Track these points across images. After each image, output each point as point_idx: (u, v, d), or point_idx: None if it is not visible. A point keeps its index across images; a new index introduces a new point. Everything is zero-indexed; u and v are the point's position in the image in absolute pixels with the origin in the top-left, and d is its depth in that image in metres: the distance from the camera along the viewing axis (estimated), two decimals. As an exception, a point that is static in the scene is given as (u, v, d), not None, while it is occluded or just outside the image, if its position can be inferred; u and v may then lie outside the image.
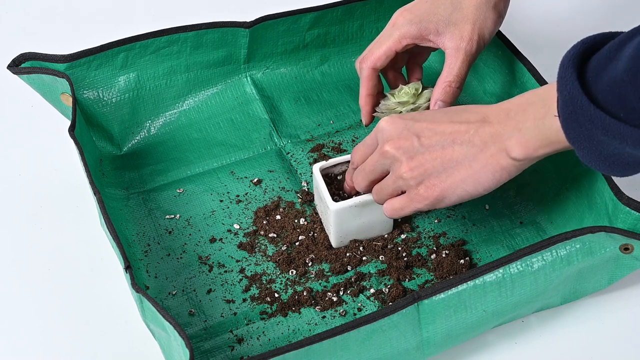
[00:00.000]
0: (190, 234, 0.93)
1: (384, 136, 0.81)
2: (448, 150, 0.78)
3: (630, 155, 0.68)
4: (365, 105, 0.94)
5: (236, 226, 0.93)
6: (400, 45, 0.91)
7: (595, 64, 0.68)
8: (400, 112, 0.90)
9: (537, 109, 0.74)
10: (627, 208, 0.83)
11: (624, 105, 0.65)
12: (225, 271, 0.90)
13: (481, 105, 0.80)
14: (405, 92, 0.91)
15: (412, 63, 0.98)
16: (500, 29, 1.04)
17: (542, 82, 0.95)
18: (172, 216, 0.95)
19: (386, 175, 0.83)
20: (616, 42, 0.67)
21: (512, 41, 1.01)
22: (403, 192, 0.82)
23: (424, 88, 0.92)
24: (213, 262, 0.90)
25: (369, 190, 0.86)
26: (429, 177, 0.79)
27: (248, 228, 0.93)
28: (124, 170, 0.99)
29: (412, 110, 0.91)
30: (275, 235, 0.92)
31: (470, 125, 0.78)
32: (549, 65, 1.07)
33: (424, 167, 0.79)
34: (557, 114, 0.71)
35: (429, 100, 0.91)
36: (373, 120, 0.95)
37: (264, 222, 0.93)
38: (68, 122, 0.93)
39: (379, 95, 0.95)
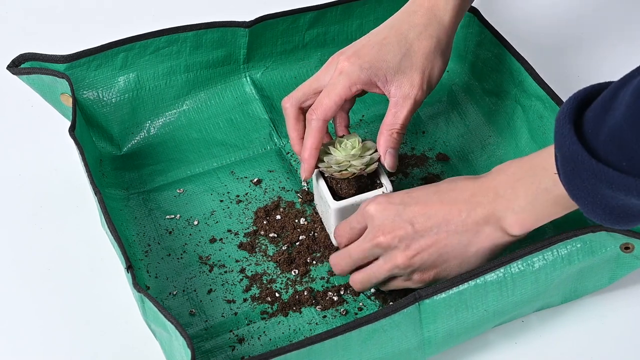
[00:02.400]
0: (190, 234, 0.93)
1: (374, 224, 0.81)
2: (442, 236, 0.79)
3: (636, 206, 0.68)
4: (310, 158, 0.88)
5: (236, 226, 0.93)
6: (350, 92, 0.88)
7: (592, 116, 0.67)
8: (350, 164, 0.87)
9: (526, 186, 0.76)
10: (628, 207, 0.83)
11: (626, 154, 0.64)
12: (226, 271, 0.90)
13: (465, 180, 0.80)
14: (351, 144, 0.88)
15: (340, 110, 0.93)
16: (498, 28, 1.04)
17: (539, 80, 0.95)
18: (172, 216, 0.95)
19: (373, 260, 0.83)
20: (609, 92, 0.67)
21: (509, 41, 1.02)
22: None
23: (363, 140, 0.89)
24: (213, 262, 0.90)
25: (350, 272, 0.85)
26: (425, 266, 0.80)
27: (248, 228, 0.93)
28: (124, 171, 0.99)
29: (365, 163, 0.87)
30: (275, 235, 0.92)
31: (462, 207, 0.79)
32: (547, 65, 1.07)
33: (420, 257, 0.80)
34: (556, 172, 0.71)
35: (375, 150, 0.88)
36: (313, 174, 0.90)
37: (264, 222, 0.93)
38: (68, 123, 0.93)
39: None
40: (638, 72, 0.65)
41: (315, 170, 0.90)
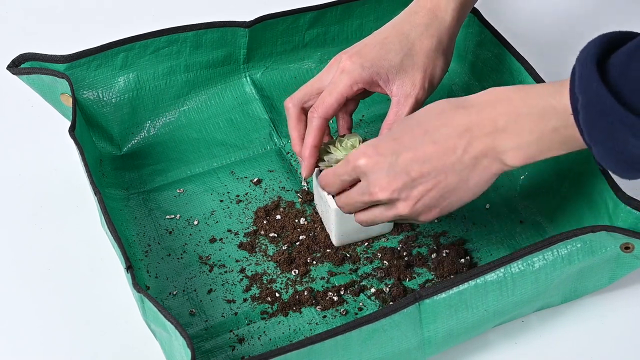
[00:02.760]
0: (190, 234, 0.93)
1: (369, 179, 0.79)
2: (440, 178, 0.77)
3: None
4: (310, 157, 0.88)
5: (236, 226, 0.93)
6: (351, 90, 0.88)
7: (617, 63, 0.67)
8: None
9: (532, 122, 0.73)
10: (628, 207, 0.83)
11: None
12: (226, 271, 0.90)
13: (454, 110, 0.77)
14: (351, 144, 0.87)
15: (342, 112, 0.92)
16: (498, 28, 1.04)
17: (539, 80, 0.95)
18: (173, 216, 0.95)
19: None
20: (636, 42, 0.66)
21: (509, 41, 1.02)
22: None
23: (364, 139, 0.88)
24: (213, 262, 0.90)
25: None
26: (428, 208, 0.80)
27: (248, 228, 0.93)
28: (124, 171, 0.99)
29: None
30: (275, 235, 0.92)
31: (457, 144, 0.76)
32: (547, 65, 1.07)
33: (421, 202, 0.79)
34: (572, 113, 0.70)
35: None
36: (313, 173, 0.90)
37: (264, 222, 0.93)
38: (68, 122, 0.93)
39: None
40: None
41: (316, 169, 0.90)
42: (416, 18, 0.90)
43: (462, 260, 0.89)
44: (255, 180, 0.98)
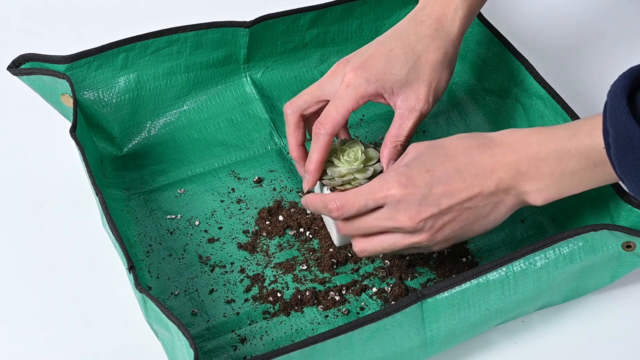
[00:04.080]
0: (191, 234, 0.93)
1: (398, 207, 0.79)
2: (465, 212, 0.79)
3: None
4: (316, 172, 0.87)
5: (237, 226, 0.93)
6: (357, 105, 0.87)
7: None
8: (354, 177, 0.86)
9: (552, 166, 0.77)
10: (629, 206, 0.83)
11: None
12: (227, 271, 0.90)
13: (483, 152, 0.79)
14: (354, 155, 0.87)
15: None
16: (498, 28, 1.04)
17: (539, 79, 0.96)
18: (174, 216, 0.95)
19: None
20: None
21: (510, 40, 1.02)
22: None
23: (365, 146, 0.89)
24: (215, 263, 0.90)
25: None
26: (445, 238, 0.81)
27: (249, 228, 0.93)
28: (125, 171, 0.99)
29: (370, 177, 0.86)
30: (277, 235, 0.92)
31: (483, 184, 0.79)
32: (546, 64, 1.08)
33: (441, 232, 0.80)
34: (604, 147, 0.72)
35: (378, 161, 0.88)
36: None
37: (266, 222, 0.93)
38: (68, 123, 0.93)
39: None
40: None
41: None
42: (422, 28, 0.90)
43: (464, 259, 0.90)
44: (256, 180, 0.98)
